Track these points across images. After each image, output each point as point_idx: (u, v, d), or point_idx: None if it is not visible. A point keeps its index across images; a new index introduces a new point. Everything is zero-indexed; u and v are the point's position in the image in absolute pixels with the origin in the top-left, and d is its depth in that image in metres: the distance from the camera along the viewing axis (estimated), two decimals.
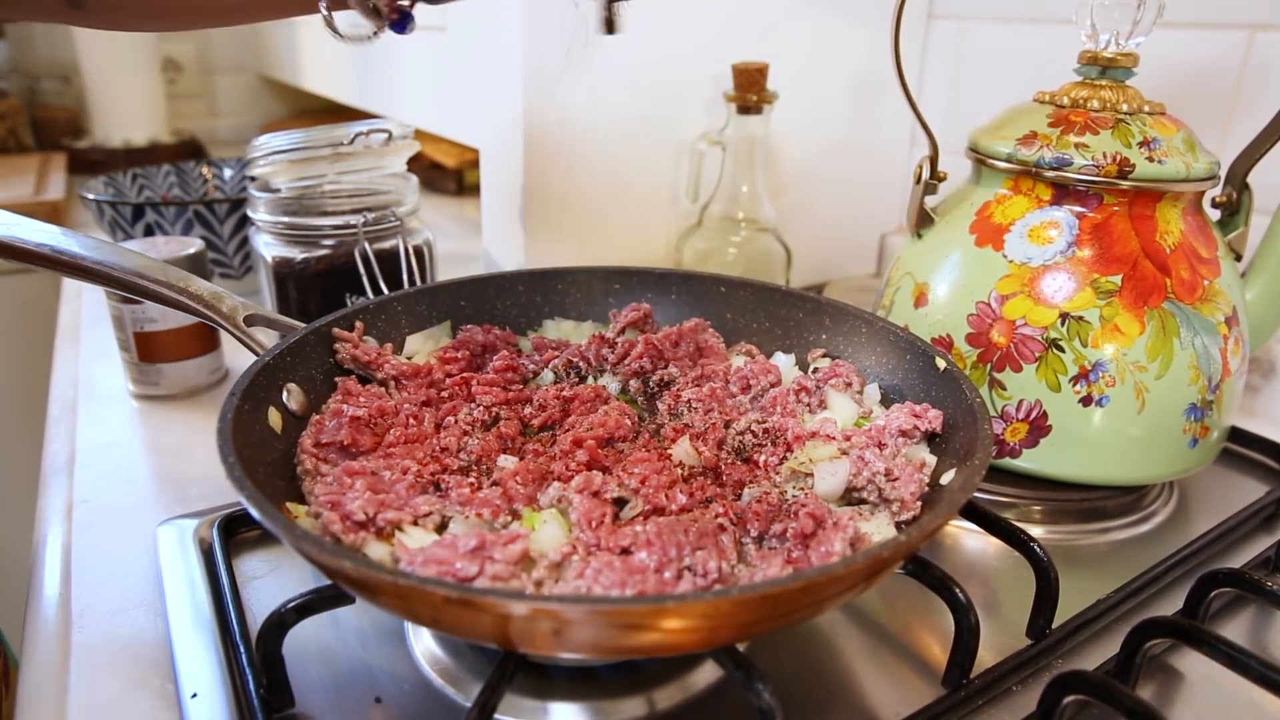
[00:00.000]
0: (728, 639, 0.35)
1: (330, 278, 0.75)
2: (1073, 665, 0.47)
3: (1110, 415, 0.55)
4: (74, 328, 0.91)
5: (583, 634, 0.32)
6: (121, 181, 1.07)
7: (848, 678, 0.46)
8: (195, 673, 0.44)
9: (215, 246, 0.93)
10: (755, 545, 0.43)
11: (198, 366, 0.75)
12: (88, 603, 0.50)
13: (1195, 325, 0.55)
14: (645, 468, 0.46)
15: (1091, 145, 0.56)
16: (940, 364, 0.51)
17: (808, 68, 0.93)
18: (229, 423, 0.41)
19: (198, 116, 1.94)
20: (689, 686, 0.44)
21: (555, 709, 0.42)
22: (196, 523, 0.56)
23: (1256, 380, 0.76)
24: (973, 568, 0.55)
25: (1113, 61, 0.59)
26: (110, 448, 0.67)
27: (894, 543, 0.35)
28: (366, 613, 0.49)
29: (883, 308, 0.66)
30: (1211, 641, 0.40)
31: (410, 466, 0.46)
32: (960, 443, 0.47)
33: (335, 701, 0.43)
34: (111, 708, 0.43)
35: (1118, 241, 0.55)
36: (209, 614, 0.48)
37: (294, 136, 0.74)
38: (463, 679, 0.44)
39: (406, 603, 0.32)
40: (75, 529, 0.57)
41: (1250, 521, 0.59)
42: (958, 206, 0.63)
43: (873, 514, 0.45)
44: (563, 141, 0.83)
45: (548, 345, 0.61)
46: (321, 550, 0.32)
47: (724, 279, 0.64)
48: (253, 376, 0.46)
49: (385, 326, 0.59)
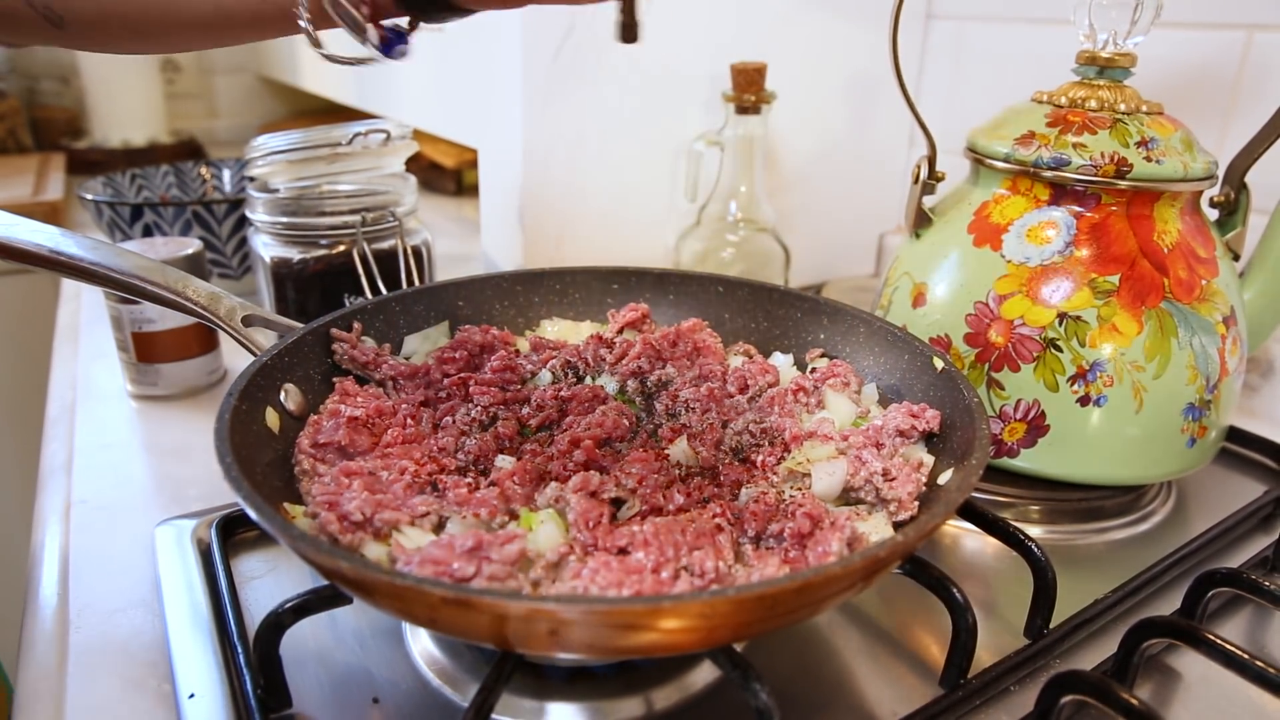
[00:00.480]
0: (725, 639, 0.35)
1: (328, 278, 0.75)
2: (1070, 665, 0.47)
3: (1108, 415, 0.55)
4: (72, 328, 0.91)
5: (579, 634, 0.32)
6: (120, 182, 1.07)
7: (845, 677, 0.46)
8: (193, 673, 0.44)
9: (214, 247, 0.93)
10: (753, 545, 0.43)
11: (196, 367, 0.75)
12: (86, 603, 0.50)
13: (1193, 325, 0.55)
14: (642, 468, 0.46)
15: (1089, 145, 0.56)
16: (938, 364, 0.51)
17: (806, 68, 0.93)
18: (226, 423, 0.41)
19: (197, 117, 1.94)
20: (687, 686, 0.44)
21: (552, 709, 0.42)
22: (195, 523, 0.56)
23: (1255, 380, 0.76)
24: (971, 567, 0.55)
25: (1111, 61, 0.59)
26: (109, 448, 0.67)
27: (891, 543, 0.35)
28: (364, 613, 0.49)
29: (881, 307, 0.66)
30: (1209, 641, 0.41)
31: (408, 467, 0.46)
32: (958, 442, 0.47)
33: (333, 702, 0.43)
34: (109, 708, 0.43)
35: (1115, 241, 0.55)
36: (207, 614, 0.48)
37: (292, 137, 0.74)
38: (460, 679, 0.44)
39: (403, 603, 0.32)
40: (73, 529, 0.57)
41: (1248, 521, 0.59)
42: (956, 206, 0.63)
43: (870, 514, 0.45)
44: (561, 142, 0.84)
45: (545, 345, 0.61)
46: (318, 551, 0.32)
47: (722, 279, 0.64)
48: (250, 377, 0.46)
49: (383, 327, 0.59)
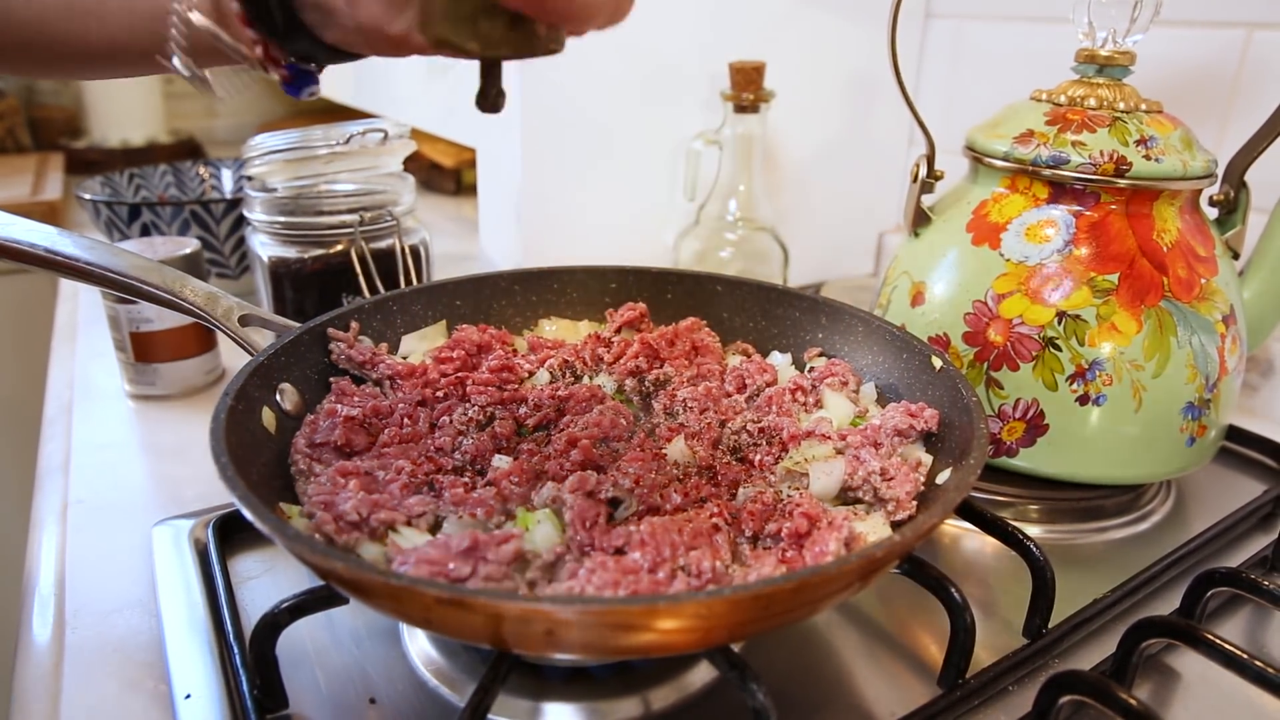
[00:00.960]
0: (722, 639, 0.35)
1: (326, 277, 0.75)
2: (1069, 665, 0.47)
3: (1107, 414, 0.55)
4: (70, 328, 0.91)
5: (575, 635, 0.32)
6: (118, 181, 1.07)
7: (843, 677, 0.46)
8: (189, 674, 0.44)
9: (212, 246, 0.93)
10: (750, 545, 0.43)
11: (194, 366, 0.75)
12: (82, 603, 0.50)
13: (1192, 324, 0.55)
14: (640, 467, 0.45)
15: (1088, 143, 0.55)
16: (936, 363, 0.51)
17: (805, 66, 0.93)
18: (222, 423, 0.41)
19: (195, 116, 1.94)
20: (684, 687, 0.44)
21: (549, 709, 0.42)
22: (192, 523, 0.56)
23: (1254, 379, 0.76)
24: (969, 567, 0.55)
25: (1110, 60, 0.58)
26: (106, 448, 0.67)
27: (888, 543, 0.35)
28: (361, 614, 0.49)
29: (879, 306, 0.66)
30: (1208, 641, 0.40)
31: (404, 466, 0.46)
32: (956, 442, 0.46)
33: (329, 702, 0.43)
34: (105, 709, 0.43)
35: (1115, 240, 0.55)
36: (203, 615, 0.48)
37: (290, 136, 0.74)
38: (457, 679, 0.44)
39: (399, 603, 0.32)
40: (70, 529, 0.57)
41: (1247, 520, 0.59)
42: (955, 205, 0.62)
43: (868, 513, 0.45)
44: (559, 141, 0.83)
45: (544, 345, 0.61)
46: (313, 551, 0.32)
47: (721, 278, 0.64)
48: (246, 377, 0.46)
49: (381, 326, 0.58)
